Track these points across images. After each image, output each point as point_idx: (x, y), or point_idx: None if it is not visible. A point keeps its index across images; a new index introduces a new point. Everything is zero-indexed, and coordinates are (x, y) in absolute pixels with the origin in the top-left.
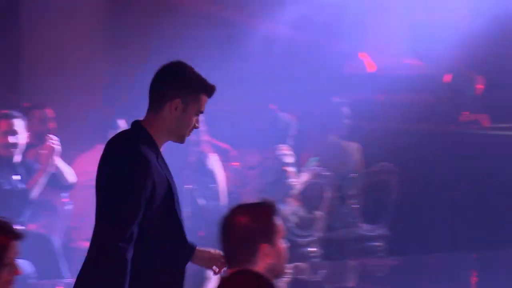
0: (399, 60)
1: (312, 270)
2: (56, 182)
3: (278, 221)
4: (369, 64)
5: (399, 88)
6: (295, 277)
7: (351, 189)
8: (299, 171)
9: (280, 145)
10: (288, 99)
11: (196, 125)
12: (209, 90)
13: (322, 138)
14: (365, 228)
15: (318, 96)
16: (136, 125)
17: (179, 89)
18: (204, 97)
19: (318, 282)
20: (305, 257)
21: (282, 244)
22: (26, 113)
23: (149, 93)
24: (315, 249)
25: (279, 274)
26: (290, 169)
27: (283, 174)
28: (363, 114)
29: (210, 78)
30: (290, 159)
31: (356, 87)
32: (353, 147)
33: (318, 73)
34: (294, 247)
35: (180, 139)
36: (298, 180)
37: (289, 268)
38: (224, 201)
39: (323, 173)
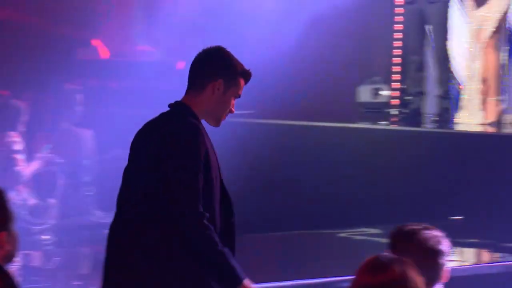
0: (132, 47)
1: (45, 258)
2: None
3: (10, 208)
4: (102, 50)
5: (133, 75)
6: (27, 264)
7: (85, 176)
8: (30, 158)
9: (9, 132)
10: (19, 86)
11: (232, 109)
12: (247, 75)
13: (54, 125)
14: (98, 215)
15: (50, 82)
16: (179, 104)
17: (223, 71)
18: (242, 82)
19: (52, 270)
20: (38, 245)
21: (15, 231)
22: None
23: (191, 74)
24: (48, 236)
25: (11, 260)
26: (19, 156)
27: (12, 161)
28: (96, 101)
29: None
30: (19, 146)
31: (89, 73)
32: (87, 134)
33: (50, 60)
34: (27, 234)
35: (217, 121)
36: (29, 167)
37: (21, 255)
38: None
39: (56, 160)
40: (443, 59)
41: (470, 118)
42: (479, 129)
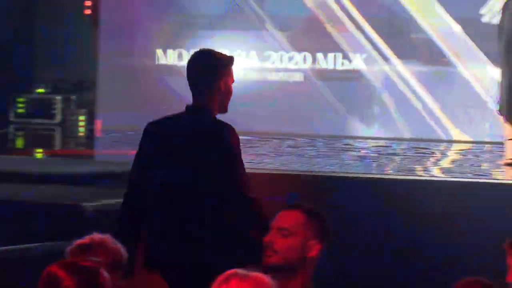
0: None
1: None
2: None
3: None
4: None
5: None
6: None
7: None
8: None
9: None
10: None
11: None
12: (232, 60)
13: None
14: None
15: None
16: (199, 108)
17: (223, 68)
18: (232, 68)
19: None
20: None
21: None
22: None
23: (194, 81)
24: None
25: None
26: None
27: None
28: None
29: None
30: None
31: None
32: None
33: None
34: None
35: (225, 109)
36: None
37: None
38: None
39: None
40: None
41: None
42: None
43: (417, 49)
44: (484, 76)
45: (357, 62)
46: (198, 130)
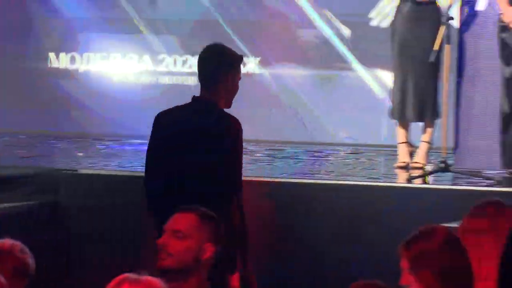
0: None
1: None
2: None
3: None
4: None
5: None
6: None
7: None
8: None
9: None
10: None
11: None
12: (242, 59)
13: None
14: None
15: None
16: (206, 101)
17: (232, 63)
18: (241, 66)
19: None
20: None
21: None
22: None
23: (203, 74)
24: None
25: None
26: None
27: None
28: None
29: None
30: None
31: None
32: None
33: None
34: None
35: (230, 104)
36: None
37: None
38: None
39: None
40: None
41: None
42: None
43: (310, 52)
44: (377, 79)
45: (251, 66)
46: (205, 122)
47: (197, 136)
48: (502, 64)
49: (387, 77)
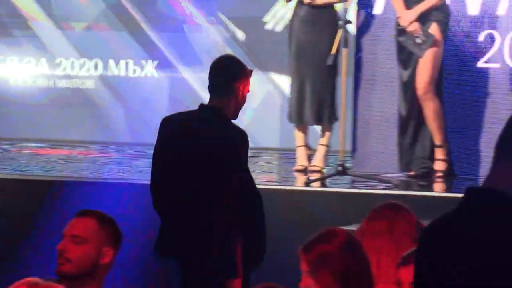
0: None
1: None
2: None
3: None
4: None
5: None
6: None
7: None
8: None
9: None
10: None
11: None
12: (252, 72)
13: None
14: None
15: None
16: (214, 109)
17: (242, 75)
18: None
19: None
20: None
21: None
22: None
23: (214, 82)
24: None
25: None
26: None
27: None
28: None
29: None
30: None
31: None
32: None
33: None
34: None
35: (237, 115)
36: None
37: None
38: None
39: None
40: None
41: None
42: None
43: (205, 55)
44: (273, 83)
45: (149, 69)
46: (212, 131)
47: (203, 144)
48: (399, 68)
49: (283, 80)
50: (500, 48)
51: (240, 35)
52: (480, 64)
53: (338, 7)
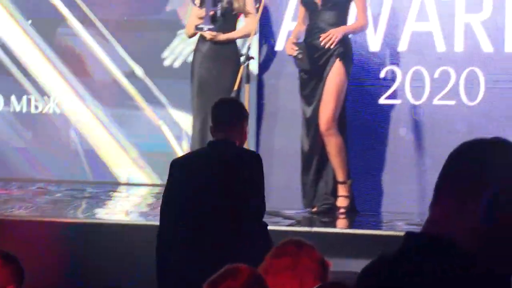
0: None
1: None
2: None
3: None
4: None
5: None
6: None
7: None
8: None
9: None
10: None
11: None
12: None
13: None
14: None
15: None
16: (229, 142)
17: (246, 115)
18: None
19: None
20: None
21: None
22: None
23: (224, 119)
24: None
25: None
26: None
27: None
28: None
29: None
30: None
31: None
32: None
33: None
34: None
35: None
36: None
37: None
38: None
39: None
40: None
41: None
42: None
43: (105, 90)
44: (170, 119)
45: (51, 105)
46: (228, 157)
47: (221, 170)
48: (302, 104)
49: (180, 116)
50: (402, 84)
51: (138, 71)
52: (382, 100)
53: (240, 42)
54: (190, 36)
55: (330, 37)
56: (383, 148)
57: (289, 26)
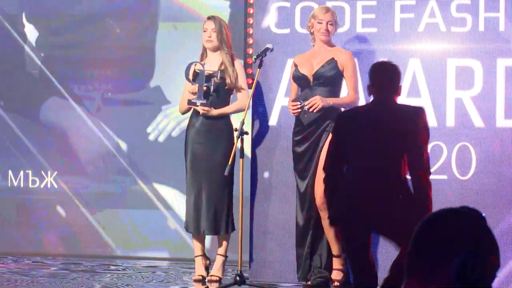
0: None
1: None
2: None
3: None
4: None
5: None
6: None
7: None
8: None
9: None
10: None
11: None
12: None
13: None
14: None
15: None
16: (389, 98)
17: (401, 77)
18: None
19: None
20: None
21: None
22: None
23: (384, 81)
24: None
25: None
26: None
27: None
28: None
29: None
30: None
31: None
32: None
33: None
34: None
35: None
36: None
37: None
38: None
39: None
40: None
41: None
42: None
43: (89, 166)
44: (157, 194)
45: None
46: (395, 110)
47: (387, 119)
48: (297, 178)
49: (166, 191)
50: None
51: (122, 145)
52: None
53: (234, 117)
54: (184, 112)
55: (314, 102)
56: None
57: (282, 102)
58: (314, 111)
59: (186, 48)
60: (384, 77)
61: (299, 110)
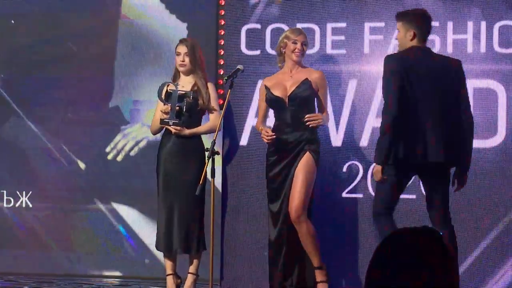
0: None
1: None
2: None
3: None
4: None
5: None
6: None
7: None
8: None
9: None
10: None
11: None
12: None
13: None
14: None
15: None
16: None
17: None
18: None
19: None
20: None
21: None
22: None
23: (429, 30)
24: None
25: None
26: None
27: None
28: None
29: None
30: None
31: None
32: None
33: None
34: None
35: None
36: None
37: None
38: None
39: None
40: None
41: None
42: None
43: (48, 186)
44: (114, 212)
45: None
46: (436, 55)
47: (438, 66)
48: (269, 197)
49: (123, 210)
50: (364, 178)
51: (81, 165)
52: (344, 194)
53: (206, 137)
54: (155, 132)
55: (316, 118)
56: (341, 239)
57: (253, 122)
58: (313, 125)
59: (145, 70)
60: (430, 27)
61: (274, 137)
